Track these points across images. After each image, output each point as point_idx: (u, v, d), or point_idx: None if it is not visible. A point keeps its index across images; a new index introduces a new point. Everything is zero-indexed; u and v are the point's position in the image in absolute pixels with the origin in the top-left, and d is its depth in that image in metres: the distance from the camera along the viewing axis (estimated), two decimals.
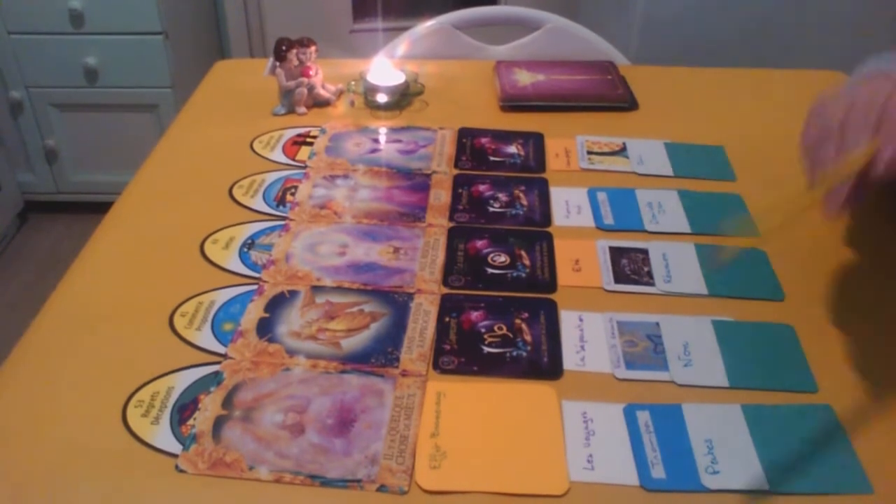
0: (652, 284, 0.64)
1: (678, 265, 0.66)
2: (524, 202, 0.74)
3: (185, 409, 0.53)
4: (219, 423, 0.51)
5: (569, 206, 0.74)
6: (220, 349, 0.57)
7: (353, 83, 0.93)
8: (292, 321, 0.60)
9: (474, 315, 0.60)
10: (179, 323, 0.60)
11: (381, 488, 0.47)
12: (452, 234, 0.70)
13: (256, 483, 0.48)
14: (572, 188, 0.76)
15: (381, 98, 0.89)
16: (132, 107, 1.91)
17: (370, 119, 0.88)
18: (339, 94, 0.93)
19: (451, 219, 0.72)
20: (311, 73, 0.89)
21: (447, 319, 0.60)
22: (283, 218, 0.72)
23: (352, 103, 0.91)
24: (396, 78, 0.90)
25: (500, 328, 0.59)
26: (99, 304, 0.62)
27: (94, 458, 0.49)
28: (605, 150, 0.82)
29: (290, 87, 0.88)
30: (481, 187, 0.76)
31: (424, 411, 0.52)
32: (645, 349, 0.57)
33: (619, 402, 0.53)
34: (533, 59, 1.01)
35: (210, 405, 0.53)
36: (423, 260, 0.66)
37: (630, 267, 0.66)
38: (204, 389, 0.54)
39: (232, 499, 0.47)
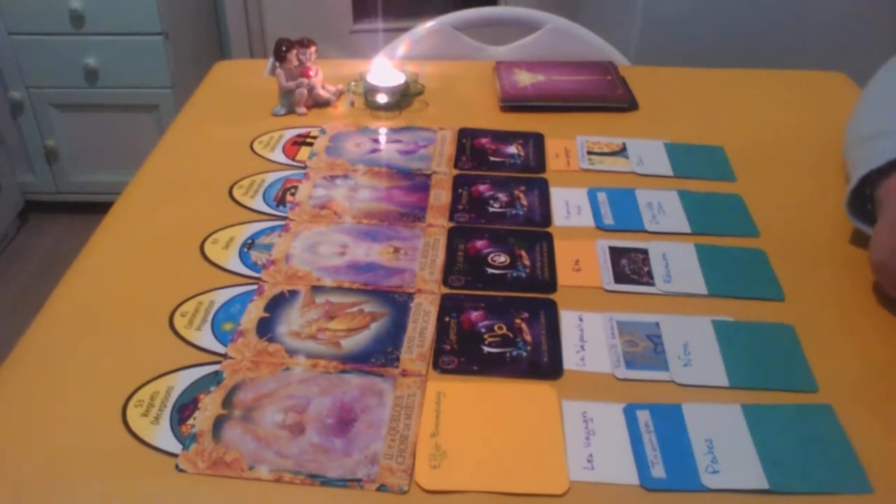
0: (652, 284, 0.64)
1: (678, 265, 0.66)
2: (524, 202, 0.74)
3: (184, 408, 0.53)
4: (219, 423, 0.51)
5: (569, 207, 0.74)
6: (220, 349, 0.57)
7: (353, 84, 0.93)
8: (292, 321, 0.60)
9: (474, 315, 0.60)
10: (179, 323, 0.60)
11: (381, 488, 0.47)
12: (452, 235, 0.70)
13: (256, 482, 0.48)
14: (572, 188, 0.76)
15: (381, 98, 0.89)
16: (132, 107, 1.91)
17: (370, 119, 0.88)
18: (339, 94, 0.93)
19: (451, 219, 0.72)
20: (311, 73, 0.89)
21: (447, 319, 0.60)
22: (283, 218, 0.72)
23: (352, 104, 0.91)
24: (396, 78, 0.90)
25: (500, 328, 0.59)
26: (99, 304, 0.62)
27: (94, 457, 0.49)
28: (605, 150, 0.82)
29: (290, 88, 0.88)
30: (481, 187, 0.76)
31: (424, 411, 0.52)
32: (645, 349, 0.57)
33: (620, 402, 0.53)
34: (533, 59, 1.01)
35: (210, 405, 0.53)
36: (423, 260, 0.66)
37: (630, 267, 0.66)
38: (204, 389, 0.54)
39: (232, 498, 0.47)
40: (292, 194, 0.75)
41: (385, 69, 0.90)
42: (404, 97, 0.91)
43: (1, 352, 0.59)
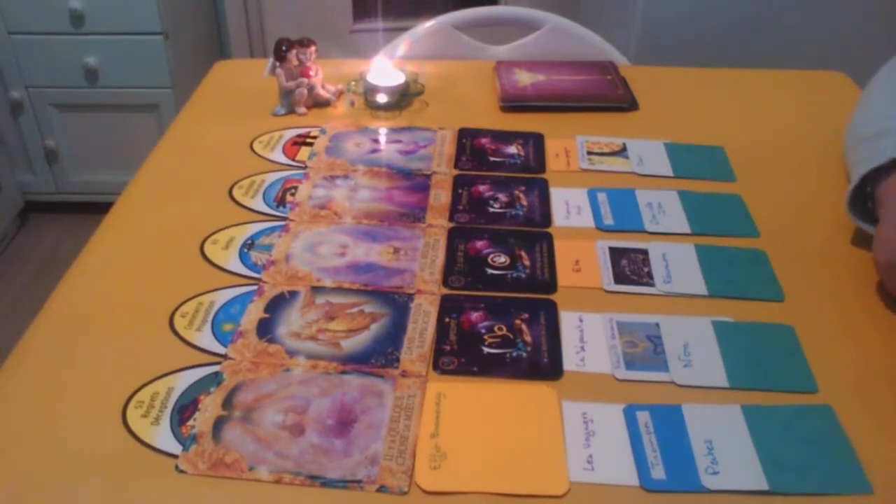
0: (652, 285, 0.64)
1: (678, 266, 0.66)
2: (524, 202, 0.74)
3: (185, 409, 0.53)
4: (219, 424, 0.51)
5: (569, 207, 0.74)
6: (220, 350, 0.57)
7: (353, 83, 0.93)
8: (292, 322, 0.60)
9: (474, 316, 0.60)
10: (179, 323, 0.60)
11: (381, 489, 0.47)
12: (452, 235, 0.70)
13: (256, 483, 0.48)
14: (572, 188, 0.76)
15: (381, 98, 0.89)
16: (132, 107, 1.91)
17: (370, 119, 0.88)
18: (339, 94, 0.93)
19: (451, 219, 0.72)
20: (311, 73, 0.89)
21: (447, 320, 0.60)
22: (283, 218, 0.72)
23: (352, 103, 0.91)
24: (396, 78, 0.90)
25: (500, 329, 0.59)
26: (99, 304, 0.62)
27: (95, 458, 0.49)
28: (605, 150, 0.82)
29: (290, 88, 0.88)
30: (481, 188, 0.76)
31: (424, 412, 0.52)
32: (645, 350, 0.57)
33: (619, 403, 0.53)
34: (533, 59, 1.01)
35: (210, 406, 0.53)
36: (423, 260, 0.66)
37: (630, 267, 0.66)
38: (204, 390, 0.54)
39: (232, 499, 0.47)
40: (292, 194, 0.75)
41: (385, 69, 0.90)
42: (404, 97, 0.91)
43: (1, 352, 0.59)
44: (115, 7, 1.76)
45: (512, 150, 0.83)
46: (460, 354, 0.57)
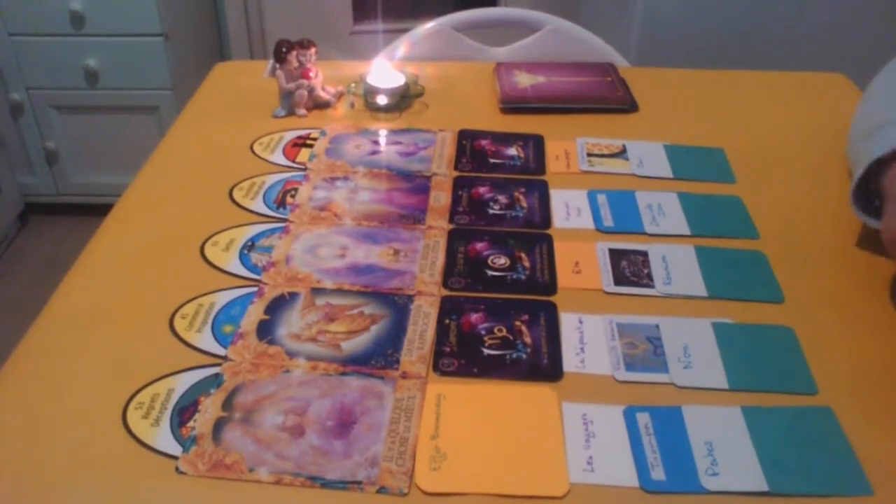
0: (652, 286, 0.64)
1: (678, 267, 0.66)
2: (524, 204, 0.74)
3: (185, 410, 0.53)
4: (219, 425, 0.51)
5: (569, 209, 0.74)
6: (221, 351, 0.57)
7: (353, 85, 0.93)
8: (292, 323, 0.60)
9: (474, 317, 0.61)
10: (180, 325, 0.60)
11: (381, 490, 0.47)
12: (452, 237, 0.70)
13: (256, 485, 0.48)
14: (572, 190, 0.76)
15: (381, 100, 0.89)
16: (132, 108, 1.91)
17: (370, 121, 0.88)
18: (339, 95, 0.93)
19: (451, 221, 0.72)
20: (312, 74, 0.89)
21: (447, 321, 0.60)
22: (284, 220, 0.72)
23: (352, 105, 0.91)
24: (396, 80, 0.90)
25: (500, 330, 0.59)
26: (99, 305, 0.62)
27: (95, 459, 0.49)
28: (605, 152, 0.82)
29: (290, 89, 0.88)
30: (481, 189, 0.76)
31: (424, 413, 0.52)
32: (645, 351, 0.57)
33: (619, 404, 0.53)
34: (533, 60, 1.01)
35: (210, 407, 0.53)
36: (423, 262, 0.66)
37: (630, 269, 0.66)
38: (204, 391, 0.54)
39: (232, 500, 0.47)
40: (292, 196, 0.75)
41: (385, 70, 0.90)
42: (404, 99, 0.91)
43: (1, 353, 0.59)
44: (115, 8, 1.76)
45: (512, 151, 0.83)
46: (460, 356, 0.57)
